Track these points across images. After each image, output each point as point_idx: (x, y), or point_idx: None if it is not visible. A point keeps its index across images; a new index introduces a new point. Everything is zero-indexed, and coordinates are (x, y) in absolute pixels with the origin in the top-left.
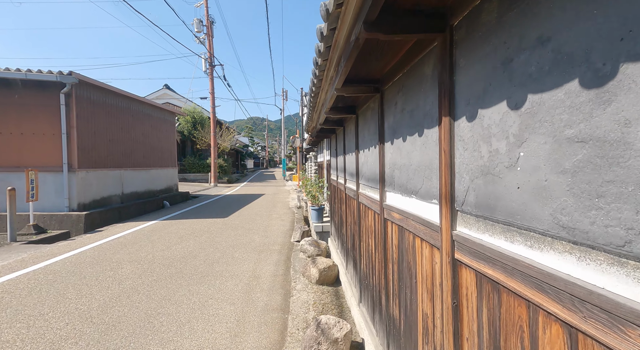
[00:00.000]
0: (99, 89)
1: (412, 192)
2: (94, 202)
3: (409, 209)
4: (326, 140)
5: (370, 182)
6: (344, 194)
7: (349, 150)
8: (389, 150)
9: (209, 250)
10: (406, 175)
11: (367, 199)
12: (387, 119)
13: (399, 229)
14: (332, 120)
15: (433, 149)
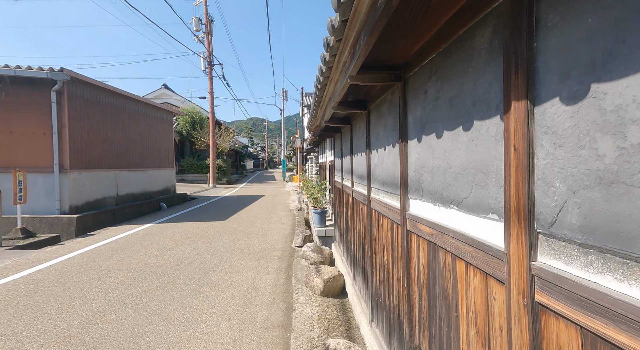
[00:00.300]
0: (93, 87)
1: (452, 201)
2: (87, 204)
3: (447, 223)
4: (329, 140)
5: (386, 186)
6: (350, 198)
7: (358, 150)
8: (414, 149)
9: (205, 256)
10: (441, 180)
11: (381, 206)
12: (412, 111)
13: (429, 245)
14: (338, 118)
15: (490, 146)
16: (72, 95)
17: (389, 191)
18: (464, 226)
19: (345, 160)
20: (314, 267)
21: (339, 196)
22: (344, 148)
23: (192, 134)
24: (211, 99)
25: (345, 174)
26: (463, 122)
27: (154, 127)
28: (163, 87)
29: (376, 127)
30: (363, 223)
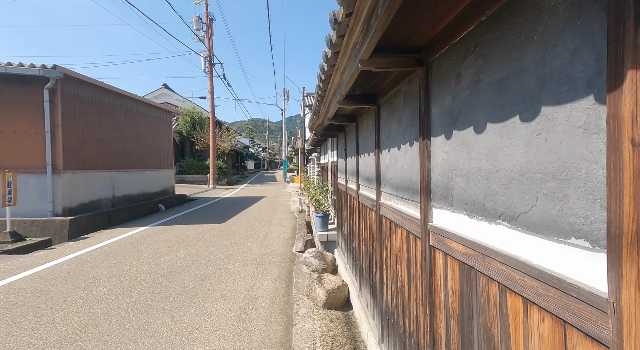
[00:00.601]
0: (88, 85)
1: (501, 215)
2: (81, 206)
3: (491, 243)
4: (331, 139)
5: (401, 191)
6: (355, 202)
7: (365, 150)
8: (440, 147)
9: (201, 262)
10: (483, 186)
11: (394, 214)
12: (438, 102)
13: (462, 268)
14: (342, 114)
15: (573, 141)
16: (66, 93)
17: (405, 197)
18: (522, 250)
19: (349, 161)
20: (316, 276)
21: (343, 199)
22: (349, 148)
23: (193, 134)
24: (211, 98)
25: (349, 176)
26: (521, 110)
27: (152, 127)
28: (163, 87)
29: (388, 123)
30: (371, 231)
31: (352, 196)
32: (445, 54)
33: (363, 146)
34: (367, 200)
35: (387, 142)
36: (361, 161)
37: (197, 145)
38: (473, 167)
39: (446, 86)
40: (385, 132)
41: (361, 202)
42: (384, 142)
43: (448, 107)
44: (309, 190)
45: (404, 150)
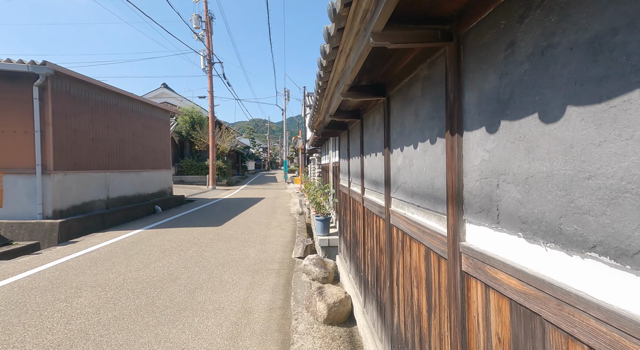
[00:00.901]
0: (81, 83)
1: (595, 246)
2: (73, 208)
3: (574, 284)
4: (333, 139)
5: (417, 198)
6: (360, 207)
7: (371, 149)
8: (480, 144)
9: (194, 269)
10: (559, 199)
11: (409, 225)
12: (476, 84)
13: (515, 309)
14: (346, 110)
15: None
16: (57, 91)
17: (424, 206)
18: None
19: (353, 162)
20: (316, 287)
21: (345, 203)
22: (352, 148)
23: (192, 134)
24: (211, 98)
25: (353, 178)
26: None
27: (149, 126)
28: (163, 87)
29: (400, 117)
30: (378, 241)
31: (355, 200)
32: (487, 19)
33: (369, 145)
34: (374, 206)
35: (400, 139)
36: (366, 162)
37: (196, 145)
38: (537, 172)
39: (489, 62)
40: (397, 128)
41: (367, 208)
42: (395, 140)
43: (492, 90)
44: (309, 191)
45: (422, 149)
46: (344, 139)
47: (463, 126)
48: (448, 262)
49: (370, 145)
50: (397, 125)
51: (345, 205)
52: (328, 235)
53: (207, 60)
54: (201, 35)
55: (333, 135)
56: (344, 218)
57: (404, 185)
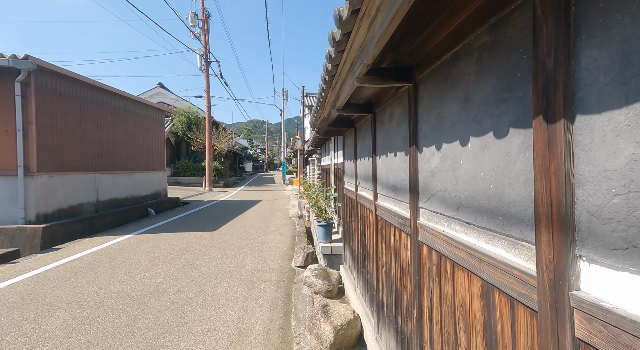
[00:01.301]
0: (68, 79)
1: None
2: (59, 211)
3: None
4: (335, 139)
5: (470, 213)
6: (371, 216)
7: (388, 148)
8: (627, 133)
9: (184, 281)
10: None
11: (453, 247)
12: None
13: None
14: (356, 104)
15: None
16: (41, 87)
17: (482, 226)
18: None
19: (361, 163)
20: (321, 306)
21: (351, 208)
22: (360, 147)
23: (188, 135)
24: (207, 97)
25: (361, 181)
26: None
27: (142, 126)
28: (158, 86)
29: (436, 105)
30: (398, 258)
31: (365, 206)
32: None
33: (384, 144)
34: (392, 216)
35: (435, 134)
36: (380, 164)
37: (193, 146)
38: None
39: None
40: (430, 121)
41: (381, 217)
42: (426, 136)
43: None
44: (309, 194)
45: (478, 145)
46: (350, 138)
47: (576, 105)
48: (540, 317)
49: (386, 143)
50: (430, 116)
51: (351, 211)
52: (330, 243)
53: (204, 59)
54: (198, 34)
55: (336, 134)
56: (349, 225)
57: (443, 194)
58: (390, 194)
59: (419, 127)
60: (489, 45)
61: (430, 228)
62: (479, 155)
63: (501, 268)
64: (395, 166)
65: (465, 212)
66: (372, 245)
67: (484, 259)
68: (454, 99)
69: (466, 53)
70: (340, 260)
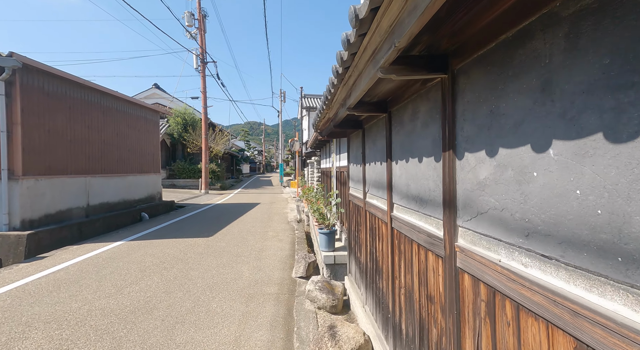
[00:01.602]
0: (56, 78)
1: None
2: (46, 217)
3: None
4: (337, 141)
5: (548, 243)
6: (385, 228)
7: (409, 152)
8: None
9: (176, 295)
10: None
11: (504, 278)
12: None
13: None
14: (368, 102)
15: None
16: (27, 86)
17: (587, 269)
18: None
19: (372, 168)
20: (327, 327)
21: (358, 216)
22: (370, 150)
23: (184, 137)
24: (204, 98)
25: (372, 188)
26: None
27: (136, 127)
28: (154, 87)
29: (489, 99)
30: (425, 284)
31: (376, 216)
32: None
33: (404, 147)
34: (416, 232)
35: (484, 137)
36: (398, 170)
37: (189, 148)
38: None
39: None
40: (477, 119)
41: (398, 231)
42: (470, 139)
43: None
44: (308, 198)
45: (570, 150)
46: (357, 140)
47: None
48: None
49: (406, 146)
50: (476, 114)
51: (358, 219)
52: (334, 251)
53: (200, 59)
54: (194, 34)
55: (340, 136)
56: (355, 234)
57: (500, 213)
58: (412, 205)
59: (458, 128)
60: (594, 9)
61: (476, 254)
62: (573, 166)
63: (619, 332)
64: (420, 174)
65: (542, 242)
66: (385, 261)
67: (582, 313)
68: (521, 90)
69: (545, 26)
70: (345, 270)
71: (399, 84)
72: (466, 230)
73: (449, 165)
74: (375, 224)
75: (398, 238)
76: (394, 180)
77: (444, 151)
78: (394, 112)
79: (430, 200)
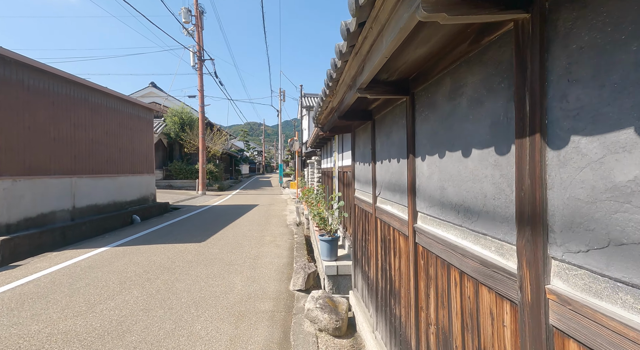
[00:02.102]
0: (38, 72)
1: None
2: (26, 221)
3: None
4: (339, 138)
5: None
6: (405, 242)
7: (444, 144)
8: None
9: (156, 314)
10: None
11: None
12: None
13: None
14: (383, 82)
15: None
16: (4, 80)
17: None
18: None
19: (384, 167)
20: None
21: (366, 224)
22: (383, 146)
23: (181, 136)
24: (201, 97)
25: (384, 191)
26: None
27: (127, 125)
28: (151, 86)
29: None
30: (478, 336)
31: (391, 226)
32: None
33: (436, 137)
34: (458, 254)
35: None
36: (426, 169)
37: (186, 147)
38: None
39: None
40: (591, 80)
41: (426, 249)
42: (578, 112)
43: None
44: (308, 200)
45: None
46: (364, 135)
47: None
48: None
49: (441, 137)
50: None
51: (366, 227)
52: (336, 261)
53: (197, 56)
54: (191, 31)
55: (343, 131)
56: (363, 244)
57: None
58: (449, 216)
59: (550, 96)
60: None
61: (598, 312)
62: None
63: None
64: (467, 172)
65: None
66: (405, 283)
67: None
68: None
69: None
70: (349, 281)
71: (434, 47)
72: (569, 268)
73: (530, 158)
74: (390, 235)
75: (425, 258)
76: (418, 182)
77: (519, 137)
78: (419, 93)
79: (486, 211)
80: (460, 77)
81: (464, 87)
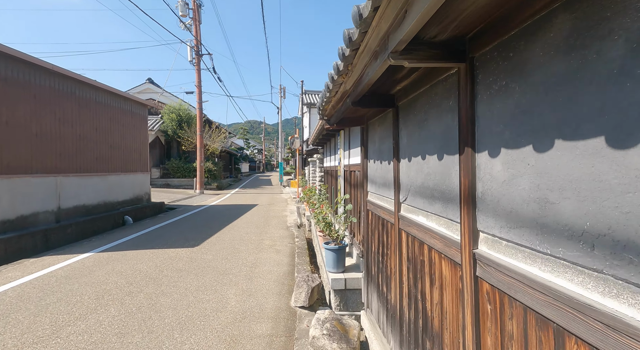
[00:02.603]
0: (16, 61)
1: None
2: (3, 223)
3: None
4: (346, 132)
5: None
6: (452, 270)
7: (540, 133)
8: None
9: (132, 339)
10: None
11: None
12: None
13: None
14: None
15: None
16: None
17: None
18: None
19: (416, 166)
20: None
21: (383, 236)
22: (411, 138)
23: (179, 134)
24: (199, 93)
25: (416, 198)
26: None
27: (119, 121)
28: (148, 82)
29: None
30: None
31: (425, 244)
32: None
33: (533, 121)
34: (581, 313)
35: None
36: (502, 168)
37: (184, 145)
38: None
39: None
40: None
41: (498, 290)
42: None
43: None
44: (310, 202)
45: None
46: (382, 127)
47: None
48: None
49: (532, 119)
50: None
51: (384, 239)
52: (344, 273)
53: (195, 51)
54: (188, 24)
55: (352, 124)
56: (379, 259)
57: None
58: (550, 246)
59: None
60: None
61: None
62: None
63: None
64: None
65: None
66: (453, 328)
67: None
68: None
69: None
70: (358, 296)
71: None
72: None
73: None
74: (424, 256)
75: (496, 303)
76: (482, 189)
77: None
78: (484, 57)
79: None
80: (549, 35)
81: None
